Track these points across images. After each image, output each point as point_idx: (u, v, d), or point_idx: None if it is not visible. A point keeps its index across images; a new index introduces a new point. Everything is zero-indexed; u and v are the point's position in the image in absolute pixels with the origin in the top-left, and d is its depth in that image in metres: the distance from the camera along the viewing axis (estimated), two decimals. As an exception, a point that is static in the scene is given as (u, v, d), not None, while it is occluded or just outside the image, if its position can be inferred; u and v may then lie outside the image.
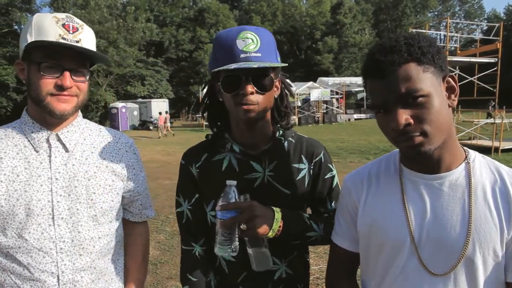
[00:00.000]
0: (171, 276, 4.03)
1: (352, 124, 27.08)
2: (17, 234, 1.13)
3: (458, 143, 1.01)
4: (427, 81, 0.88)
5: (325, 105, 29.37)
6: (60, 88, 1.12)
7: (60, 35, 1.11)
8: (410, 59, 0.88)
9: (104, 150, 1.29)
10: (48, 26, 1.11)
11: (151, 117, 30.55)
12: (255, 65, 1.06)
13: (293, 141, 1.30)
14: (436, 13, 61.73)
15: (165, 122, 22.95)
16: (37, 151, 1.18)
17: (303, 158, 1.28)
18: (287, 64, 1.18)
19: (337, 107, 30.47)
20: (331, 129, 22.38)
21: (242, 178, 1.21)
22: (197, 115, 31.57)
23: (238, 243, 1.09)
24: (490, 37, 15.37)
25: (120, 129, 27.14)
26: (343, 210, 1.16)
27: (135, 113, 31.41)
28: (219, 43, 1.14)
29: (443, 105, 0.91)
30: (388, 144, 13.96)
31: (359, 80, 32.95)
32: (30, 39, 1.11)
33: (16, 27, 34.05)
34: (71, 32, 1.13)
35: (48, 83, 1.11)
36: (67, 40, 1.11)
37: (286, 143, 1.29)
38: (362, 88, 34.69)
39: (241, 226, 1.08)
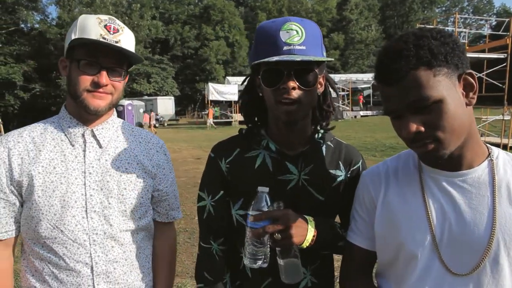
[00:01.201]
0: (177, 273, 4.02)
1: (358, 121, 26.96)
2: (52, 225, 1.17)
3: (480, 140, 0.97)
4: (438, 86, 0.84)
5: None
6: (96, 85, 1.18)
7: (101, 34, 1.16)
8: (419, 64, 0.84)
9: (136, 148, 1.33)
10: (91, 26, 1.17)
11: (157, 115, 30.66)
12: (298, 58, 1.01)
13: (332, 145, 1.24)
14: (444, 8, 61.11)
15: (150, 120, 23.33)
16: (72, 145, 1.23)
17: (341, 165, 1.22)
18: (333, 59, 1.12)
19: (358, 104, 30.25)
20: (338, 126, 22.06)
21: (275, 178, 1.17)
22: (203, 113, 31.58)
23: (269, 254, 1.04)
24: (500, 33, 15.17)
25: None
26: (360, 207, 1.12)
27: (141, 110, 31.52)
28: (261, 34, 1.09)
29: (458, 107, 0.86)
30: (394, 141, 13.87)
31: (365, 77, 32.83)
32: (74, 37, 1.17)
33: (22, 25, 34.29)
34: (111, 32, 1.18)
35: (86, 79, 1.17)
36: (107, 40, 1.16)
37: (324, 147, 1.23)
38: (368, 85, 34.52)
39: (274, 236, 1.01)
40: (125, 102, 29.89)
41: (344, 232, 1.19)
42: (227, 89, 26.91)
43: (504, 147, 10.83)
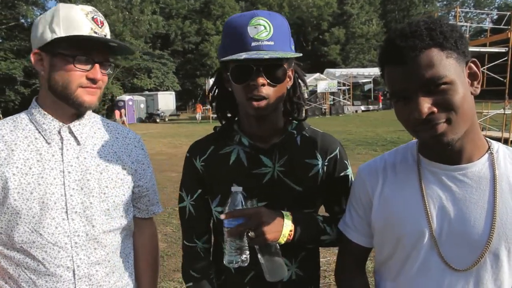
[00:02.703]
0: (178, 269, 4.04)
1: (359, 116, 26.90)
2: (30, 229, 1.10)
3: (481, 133, 0.96)
4: (450, 68, 0.83)
5: (332, 97, 29.19)
6: (92, 80, 1.15)
7: (91, 29, 1.13)
8: (432, 44, 0.83)
9: (114, 144, 1.28)
10: (79, 19, 1.12)
11: (158, 110, 30.62)
12: (266, 55, 1.00)
13: (307, 135, 1.24)
14: (445, 2, 60.75)
15: (120, 116, 24.49)
16: (48, 143, 1.16)
17: (317, 154, 1.21)
18: (301, 54, 1.11)
19: (371, 101, 29.99)
20: (338, 121, 22.24)
21: (251, 173, 1.17)
22: (204, 108, 31.53)
23: (248, 252, 1.04)
24: (501, 26, 15.09)
25: (127, 122, 27.35)
26: (355, 203, 1.11)
27: (142, 105, 31.49)
28: (229, 29, 1.08)
29: (467, 93, 0.86)
30: (395, 136, 13.86)
31: (366, 71, 32.68)
32: (59, 31, 1.10)
33: (22, 20, 34.14)
34: (99, 26, 1.15)
35: (80, 75, 1.13)
36: (98, 34, 1.14)
37: (299, 137, 1.22)
38: (369, 80, 34.43)
39: (249, 234, 1.02)
40: (126, 97, 29.87)
41: (328, 226, 1.19)
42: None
43: (505, 141, 10.79)
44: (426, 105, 0.84)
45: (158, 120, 29.07)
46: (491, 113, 12.59)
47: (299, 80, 1.22)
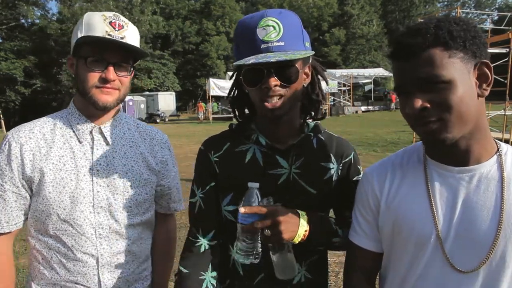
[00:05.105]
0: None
1: (359, 117, 26.89)
2: (62, 219, 1.23)
3: (490, 135, 0.95)
4: (451, 68, 0.84)
5: (332, 97, 29.18)
6: (104, 81, 1.22)
7: (106, 31, 1.20)
8: (436, 43, 0.84)
9: (141, 145, 1.39)
10: (96, 23, 1.21)
11: (158, 110, 30.61)
12: (273, 59, 0.98)
13: (323, 138, 1.23)
14: (445, 3, 60.73)
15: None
16: (80, 142, 1.28)
17: (332, 158, 1.21)
18: (313, 52, 1.10)
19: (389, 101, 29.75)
20: (339, 122, 22.23)
21: (266, 173, 1.15)
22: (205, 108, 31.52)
23: (260, 249, 1.03)
24: (502, 27, 15.08)
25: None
26: (363, 207, 1.10)
27: (142, 106, 31.46)
28: (239, 32, 1.08)
29: (468, 94, 0.86)
30: (396, 136, 13.85)
31: (366, 72, 32.70)
32: (80, 35, 1.20)
33: (23, 21, 34.19)
34: (117, 29, 1.22)
35: (94, 76, 1.21)
36: (113, 37, 1.20)
37: (315, 140, 1.22)
38: (369, 80, 34.41)
39: (264, 232, 1.01)
40: (126, 97, 29.82)
41: (339, 229, 1.17)
42: (228, 84, 26.45)
43: (506, 142, 10.76)
44: (418, 100, 0.85)
45: (158, 121, 29.04)
46: (492, 114, 12.58)
47: (319, 77, 1.21)
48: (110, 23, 1.21)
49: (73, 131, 1.28)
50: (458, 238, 0.92)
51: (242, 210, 1.00)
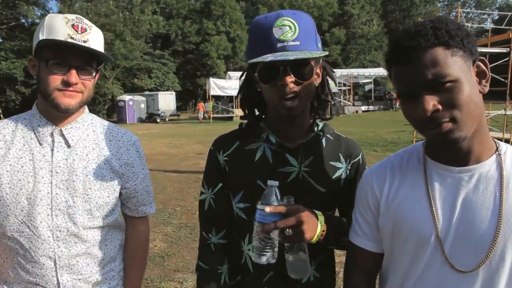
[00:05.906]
0: (178, 269, 4.03)
1: (360, 116, 26.90)
2: (19, 221, 1.23)
3: (489, 133, 0.95)
4: (455, 66, 0.83)
5: (332, 97, 29.14)
6: (66, 84, 1.20)
7: (68, 34, 1.18)
8: (437, 43, 0.84)
9: (105, 147, 1.36)
10: (58, 26, 1.19)
11: (158, 110, 30.61)
12: (292, 57, 1.01)
13: (332, 138, 1.25)
14: (446, 2, 60.73)
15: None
16: (41, 144, 1.26)
17: (341, 157, 1.22)
18: (327, 53, 1.13)
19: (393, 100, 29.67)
20: (339, 121, 22.22)
21: (276, 171, 1.16)
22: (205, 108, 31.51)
23: (277, 248, 1.02)
24: (502, 27, 15.08)
25: (128, 122, 27.39)
26: (363, 208, 1.10)
27: (142, 106, 31.46)
28: (255, 31, 1.09)
29: (473, 91, 0.86)
30: (396, 136, 13.84)
31: (366, 71, 32.70)
32: (42, 37, 1.19)
33: (23, 20, 34.18)
34: (79, 32, 1.20)
35: (55, 79, 1.19)
36: (75, 40, 1.18)
37: (324, 139, 1.23)
38: (370, 80, 34.40)
39: (285, 232, 1.00)
40: (126, 97, 29.87)
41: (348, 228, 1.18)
42: (228, 84, 26.84)
43: (506, 142, 10.75)
44: (430, 102, 0.84)
45: (158, 120, 29.05)
46: (492, 114, 12.57)
47: (327, 77, 1.23)
48: (73, 25, 1.20)
49: (34, 133, 1.27)
50: (457, 238, 0.92)
51: (267, 209, 0.98)
